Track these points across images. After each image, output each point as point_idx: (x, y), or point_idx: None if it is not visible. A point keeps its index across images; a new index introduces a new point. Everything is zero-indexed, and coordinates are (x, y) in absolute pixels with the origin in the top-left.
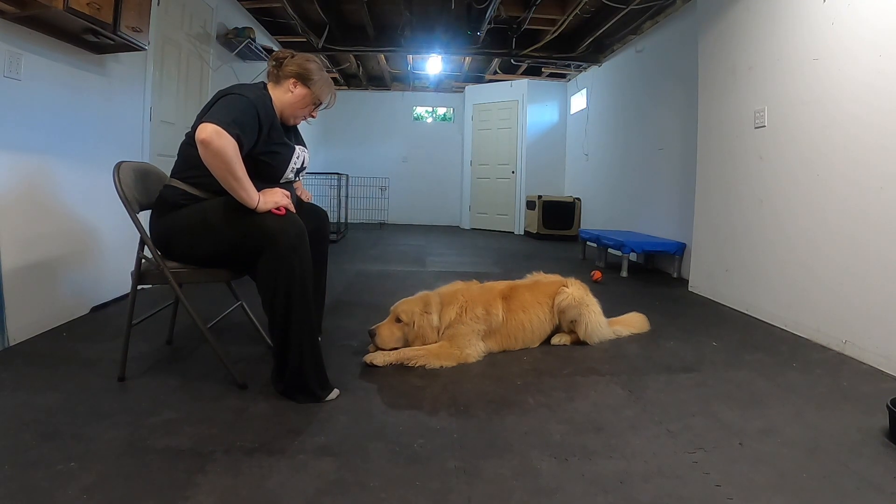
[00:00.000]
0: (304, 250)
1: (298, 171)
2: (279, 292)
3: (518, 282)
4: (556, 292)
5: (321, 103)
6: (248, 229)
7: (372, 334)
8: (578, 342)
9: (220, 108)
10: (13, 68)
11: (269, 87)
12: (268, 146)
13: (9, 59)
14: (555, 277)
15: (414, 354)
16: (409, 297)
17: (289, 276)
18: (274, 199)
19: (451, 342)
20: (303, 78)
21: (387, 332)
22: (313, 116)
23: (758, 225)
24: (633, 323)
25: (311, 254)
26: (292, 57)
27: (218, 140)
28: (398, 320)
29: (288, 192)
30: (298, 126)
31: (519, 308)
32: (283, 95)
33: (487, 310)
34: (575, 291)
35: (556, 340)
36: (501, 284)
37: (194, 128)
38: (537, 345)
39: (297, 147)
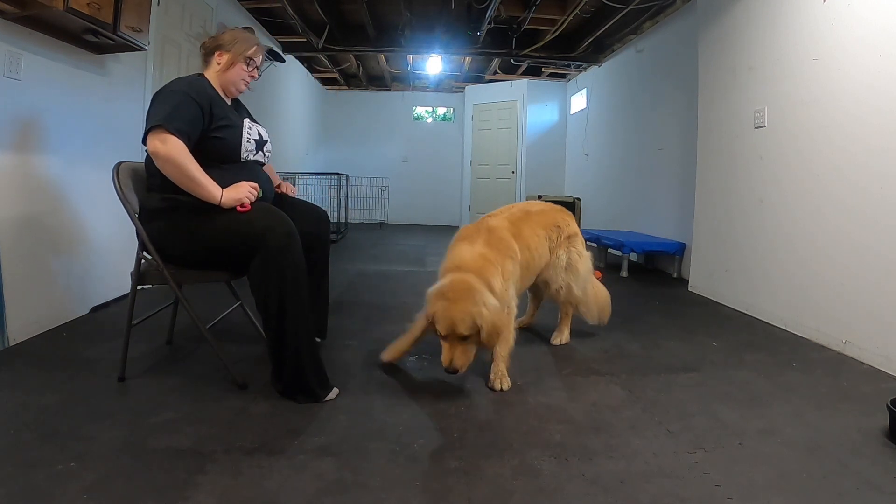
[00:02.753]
0: (294, 250)
1: (260, 146)
2: (271, 294)
3: (512, 215)
4: (552, 227)
5: (250, 59)
6: (235, 232)
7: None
8: (577, 313)
9: (155, 109)
10: (13, 68)
11: (205, 73)
12: (214, 122)
13: (9, 59)
14: (547, 207)
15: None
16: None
17: (280, 277)
18: (237, 195)
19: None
20: (220, 47)
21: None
22: (254, 77)
23: (758, 225)
24: (592, 303)
25: (312, 256)
26: (210, 38)
27: (164, 147)
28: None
29: (255, 185)
30: (260, 120)
31: (525, 247)
32: (213, 71)
33: (514, 257)
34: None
35: (555, 340)
36: (504, 224)
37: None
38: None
39: (245, 119)
